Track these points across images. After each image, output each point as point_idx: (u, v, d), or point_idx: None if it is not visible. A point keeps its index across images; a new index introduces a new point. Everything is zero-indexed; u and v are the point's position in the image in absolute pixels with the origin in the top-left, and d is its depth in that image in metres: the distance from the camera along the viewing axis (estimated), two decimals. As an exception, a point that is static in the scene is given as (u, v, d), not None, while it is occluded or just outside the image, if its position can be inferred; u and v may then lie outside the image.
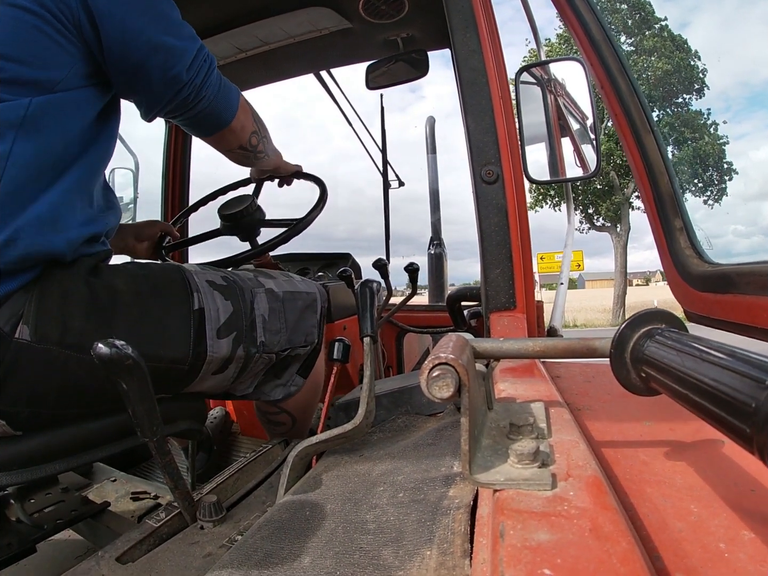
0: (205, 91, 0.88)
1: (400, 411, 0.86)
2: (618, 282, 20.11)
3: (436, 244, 2.85)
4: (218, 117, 0.96)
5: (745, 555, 0.29)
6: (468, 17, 0.86)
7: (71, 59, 0.75)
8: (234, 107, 0.97)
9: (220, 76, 0.93)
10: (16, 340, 0.70)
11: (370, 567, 0.44)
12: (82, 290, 0.78)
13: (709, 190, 19.60)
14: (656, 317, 0.39)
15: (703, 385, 0.28)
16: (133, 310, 0.82)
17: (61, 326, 0.74)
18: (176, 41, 0.83)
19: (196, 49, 0.86)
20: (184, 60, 0.84)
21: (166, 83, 0.84)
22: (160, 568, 0.67)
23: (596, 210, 20.63)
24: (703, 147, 18.55)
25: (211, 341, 0.90)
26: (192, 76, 0.85)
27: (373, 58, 1.82)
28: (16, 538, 0.91)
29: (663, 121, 18.66)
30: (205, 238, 1.57)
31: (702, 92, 18.99)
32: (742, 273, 0.66)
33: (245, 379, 1.03)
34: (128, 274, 0.86)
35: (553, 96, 1.28)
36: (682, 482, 0.38)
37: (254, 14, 1.58)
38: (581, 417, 0.52)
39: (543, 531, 0.28)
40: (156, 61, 0.81)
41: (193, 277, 0.93)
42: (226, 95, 0.94)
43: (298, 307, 1.12)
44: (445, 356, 0.36)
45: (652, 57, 18.00)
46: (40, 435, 0.79)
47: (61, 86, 0.74)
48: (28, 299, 0.72)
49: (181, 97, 0.86)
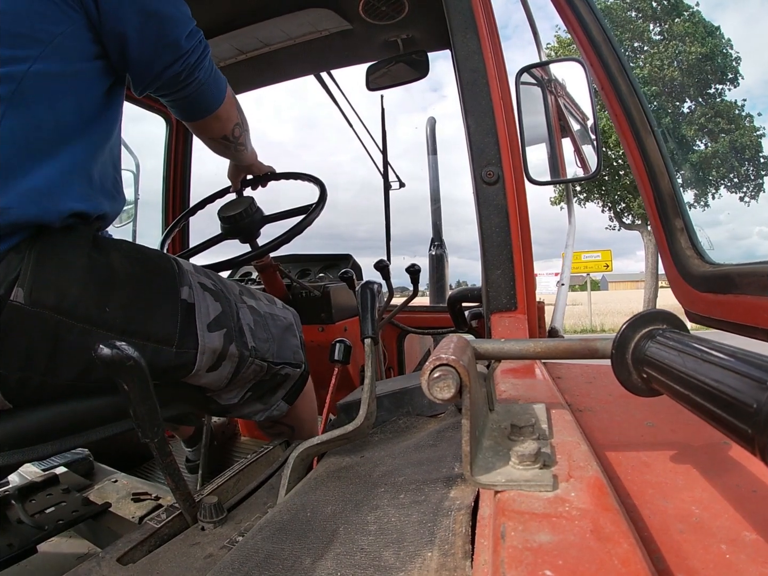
0: (198, 72, 0.90)
1: (401, 412, 0.86)
2: (649, 284, 18.43)
3: (437, 245, 2.85)
4: (207, 102, 0.97)
5: (746, 556, 0.29)
6: (468, 18, 0.86)
7: (70, 21, 0.76)
8: (222, 95, 0.99)
9: (212, 62, 0.94)
10: (10, 302, 0.70)
11: (371, 568, 0.44)
12: (81, 261, 0.79)
13: (745, 186, 18.42)
14: (658, 318, 0.39)
15: (705, 385, 0.28)
16: (126, 287, 0.83)
17: (56, 292, 0.74)
18: (174, 10, 0.85)
19: (193, 26, 0.88)
20: (181, 29, 0.85)
21: (159, 51, 0.85)
22: (160, 569, 0.67)
23: (626, 207, 19.16)
24: (739, 139, 17.38)
25: (202, 332, 0.91)
26: (191, 47, 0.87)
27: (374, 59, 1.82)
28: (17, 539, 0.91)
29: (697, 112, 17.72)
30: (210, 244, 1.57)
31: (736, 81, 17.88)
32: (743, 273, 0.66)
33: (235, 386, 1.03)
34: (124, 252, 0.87)
35: (553, 96, 1.28)
36: (683, 483, 0.38)
37: (254, 15, 1.58)
38: (582, 418, 0.52)
39: (544, 532, 0.28)
40: (150, 27, 0.82)
41: (187, 273, 0.94)
42: (216, 81, 0.96)
43: (279, 325, 1.12)
44: (446, 357, 0.36)
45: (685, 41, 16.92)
46: (31, 412, 0.78)
47: (58, 45, 0.75)
48: (24, 263, 0.73)
49: (173, 71, 0.87)
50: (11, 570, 0.88)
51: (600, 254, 20.03)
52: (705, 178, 17.96)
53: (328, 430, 0.78)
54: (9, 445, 0.75)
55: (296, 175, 1.54)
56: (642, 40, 17.65)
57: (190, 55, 0.87)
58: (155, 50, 0.84)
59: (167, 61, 0.86)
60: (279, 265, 1.58)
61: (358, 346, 1.17)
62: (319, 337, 1.65)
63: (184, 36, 0.85)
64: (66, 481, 1.15)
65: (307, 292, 1.66)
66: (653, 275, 18.20)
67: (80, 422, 0.83)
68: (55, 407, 0.80)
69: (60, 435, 0.81)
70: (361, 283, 0.89)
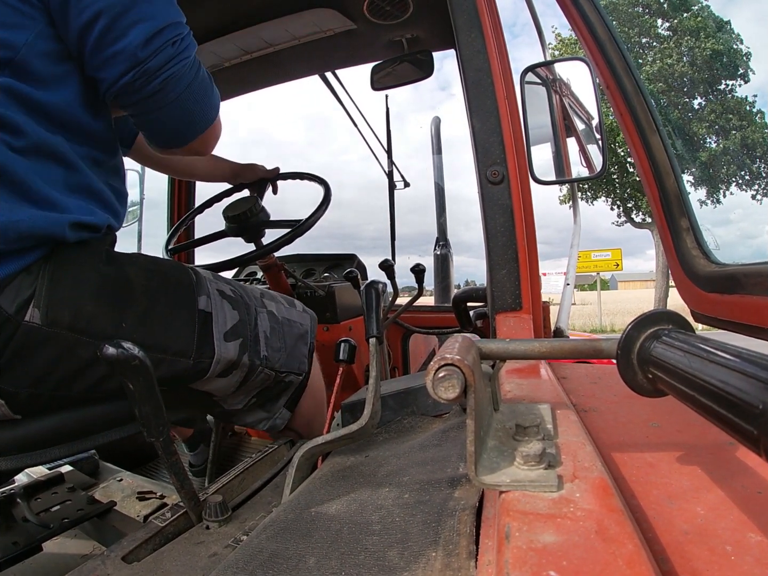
0: (163, 84, 0.74)
1: (406, 412, 0.86)
2: (660, 283, 18.13)
3: (442, 244, 2.85)
4: (182, 123, 0.81)
5: (751, 558, 0.29)
6: (473, 17, 0.86)
7: (33, 23, 0.70)
8: (208, 118, 0.84)
9: (196, 70, 0.79)
10: (25, 323, 0.70)
11: (375, 568, 0.44)
12: (95, 277, 0.77)
13: (757, 183, 18.03)
14: (663, 318, 0.39)
15: (710, 386, 0.28)
16: (143, 300, 0.82)
17: (72, 311, 0.73)
18: (132, 5, 0.70)
19: (164, 24, 0.73)
20: (137, 31, 0.70)
21: (109, 57, 0.72)
22: (165, 568, 0.67)
23: (636, 205, 18.86)
24: (751, 136, 17.05)
25: (219, 342, 0.91)
26: (147, 55, 0.71)
27: (378, 59, 1.82)
28: (22, 537, 0.92)
29: (707, 108, 17.46)
30: (212, 239, 1.58)
31: (747, 77, 17.66)
32: (748, 273, 0.65)
33: (241, 392, 1.03)
34: (139, 266, 0.86)
35: (558, 96, 1.28)
36: (688, 484, 0.38)
37: (259, 16, 1.58)
38: (587, 418, 0.52)
39: (549, 533, 0.28)
40: (97, 27, 0.69)
41: (205, 282, 0.94)
42: (199, 99, 0.80)
43: (294, 333, 1.12)
44: (451, 357, 0.36)
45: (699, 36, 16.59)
46: (40, 419, 0.78)
47: (25, 59, 0.69)
48: (38, 283, 0.72)
49: (125, 80, 0.73)
50: (16, 568, 0.89)
51: (610, 253, 19.99)
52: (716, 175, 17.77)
53: (333, 429, 0.78)
54: (17, 449, 0.76)
55: (301, 175, 1.54)
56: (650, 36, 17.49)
57: (149, 61, 0.72)
58: (104, 55, 0.72)
59: (120, 69, 0.72)
60: (284, 264, 1.59)
61: (362, 345, 1.17)
62: (324, 337, 1.66)
63: (141, 41, 0.71)
64: (71, 479, 1.16)
65: (311, 292, 1.66)
66: (664, 275, 17.82)
67: (88, 426, 0.84)
68: (64, 414, 0.81)
69: (68, 439, 0.82)
70: (365, 282, 0.89)
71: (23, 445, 0.77)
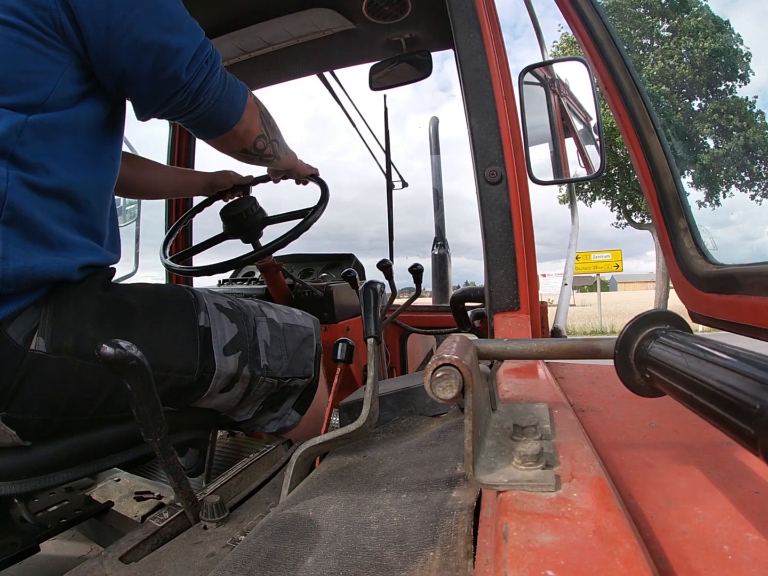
0: (204, 96, 0.83)
1: (404, 412, 0.86)
2: (660, 284, 18.00)
3: (440, 244, 2.86)
4: (219, 121, 0.91)
5: (749, 557, 0.29)
6: (471, 17, 0.86)
7: (59, 67, 0.72)
8: (239, 110, 0.92)
9: (224, 76, 0.88)
10: (31, 352, 0.72)
11: (373, 568, 0.44)
12: (95, 303, 0.81)
13: (757, 184, 18.04)
14: (660, 318, 0.39)
15: (708, 386, 0.28)
16: (144, 322, 0.85)
17: (75, 336, 0.76)
18: (171, 38, 0.77)
19: (197, 47, 0.80)
20: (181, 58, 0.78)
21: (158, 86, 0.79)
22: (163, 568, 0.67)
23: (635, 206, 18.83)
24: (751, 137, 17.03)
25: (218, 357, 0.93)
26: (191, 77, 0.80)
27: (377, 59, 1.82)
28: (20, 538, 0.92)
29: (709, 108, 17.40)
30: (212, 243, 1.57)
31: (746, 78, 17.66)
32: (746, 274, 0.65)
33: (247, 403, 1.04)
34: (138, 291, 0.89)
35: (556, 96, 1.28)
36: (686, 484, 0.38)
37: (257, 15, 1.58)
38: (585, 418, 0.52)
39: (546, 532, 0.28)
40: (146, 62, 0.76)
41: (202, 298, 0.96)
42: (230, 98, 0.89)
43: (297, 338, 1.13)
44: (448, 357, 0.36)
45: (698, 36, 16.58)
46: (50, 444, 0.80)
47: (52, 102, 0.72)
48: (42, 313, 0.75)
49: (175, 102, 0.82)
50: (14, 568, 0.89)
51: (610, 254, 19.99)
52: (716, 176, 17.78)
53: (331, 429, 0.78)
54: (26, 473, 0.78)
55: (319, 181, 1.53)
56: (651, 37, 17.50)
57: (194, 80, 0.80)
58: (153, 84, 0.79)
59: (167, 93, 0.80)
60: (282, 265, 1.58)
61: (360, 345, 1.17)
62: (322, 337, 1.65)
63: (184, 67, 0.78)
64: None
65: (309, 292, 1.66)
66: (664, 276, 17.67)
67: (96, 449, 0.85)
68: (72, 438, 0.82)
69: (77, 462, 0.83)
70: (363, 282, 0.89)
71: (33, 469, 0.78)
